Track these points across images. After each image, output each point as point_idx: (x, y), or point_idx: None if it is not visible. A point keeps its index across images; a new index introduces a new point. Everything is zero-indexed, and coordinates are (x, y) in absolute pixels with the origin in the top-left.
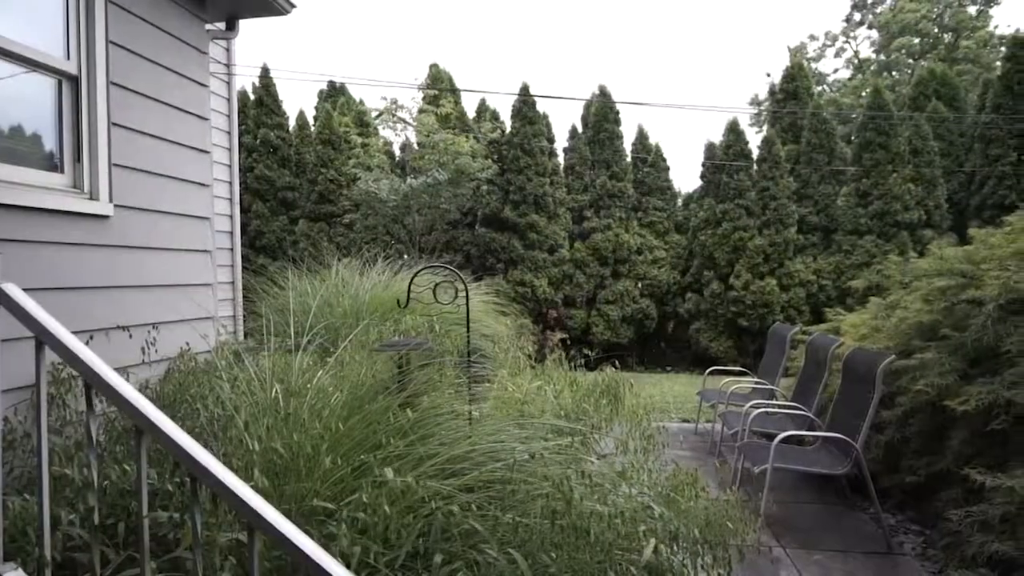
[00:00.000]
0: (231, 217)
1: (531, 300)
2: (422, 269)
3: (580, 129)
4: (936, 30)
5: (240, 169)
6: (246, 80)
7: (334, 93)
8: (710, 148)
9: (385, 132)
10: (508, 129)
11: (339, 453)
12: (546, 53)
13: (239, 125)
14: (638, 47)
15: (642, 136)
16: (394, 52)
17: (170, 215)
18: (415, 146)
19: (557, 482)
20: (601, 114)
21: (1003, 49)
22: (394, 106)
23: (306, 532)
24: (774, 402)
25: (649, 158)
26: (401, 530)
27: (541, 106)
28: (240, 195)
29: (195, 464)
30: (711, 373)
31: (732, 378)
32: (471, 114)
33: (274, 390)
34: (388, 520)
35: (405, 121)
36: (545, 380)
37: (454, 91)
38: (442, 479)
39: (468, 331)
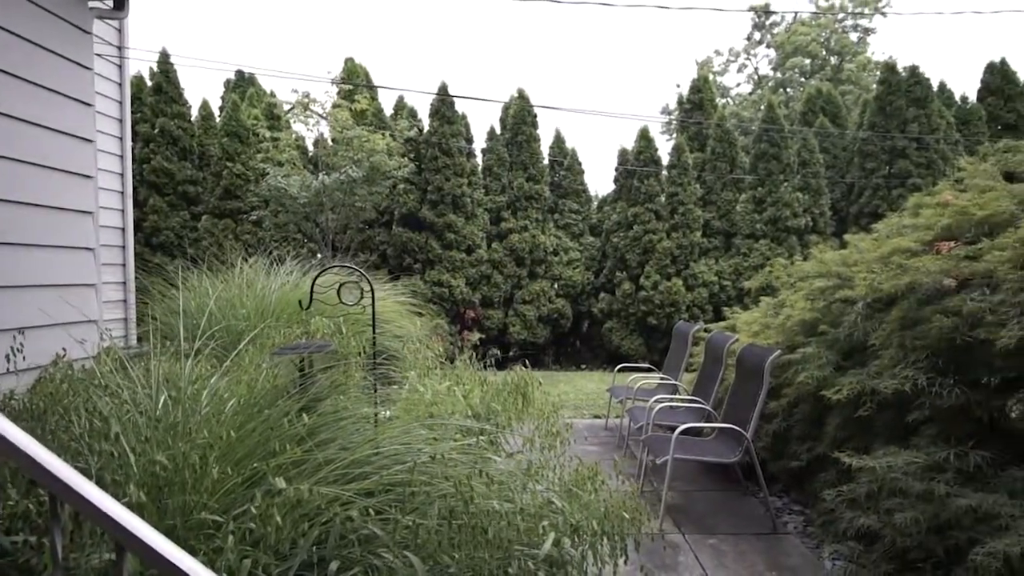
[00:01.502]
0: (122, 212)
1: (449, 300)
2: (326, 269)
3: (498, 131)
4: (824, 53)
5: (135, 160)
6: (143, 65)
7: (242, 83)
8: (623, 154)
9: (297, 126)
10: (426, 128)
11: (230, 462)
12: (465, 54)
13: (135, 113)
14: (556, 53)
15: (559, 140)
16: (307, 44)
17: (44, 208)
18: (329, 142)
19: (456, 482)
20: (519, 117)
21: (878, 73)
22: (307, 100)
23: (191, 548)
24: (676, 396)
25: (565, 161)
26: (297, 539)
27: (460, 106)
28: (135, 188)
29: (53, 480)
30: (620, 370)
31: (639, 374)
32: (388, 111)
33: (161, 398)
34: (281, 530)
35: (318, 114)
36: (455, 380)
37: (370, 87)
38: (343, 484)
39: (374, 332)
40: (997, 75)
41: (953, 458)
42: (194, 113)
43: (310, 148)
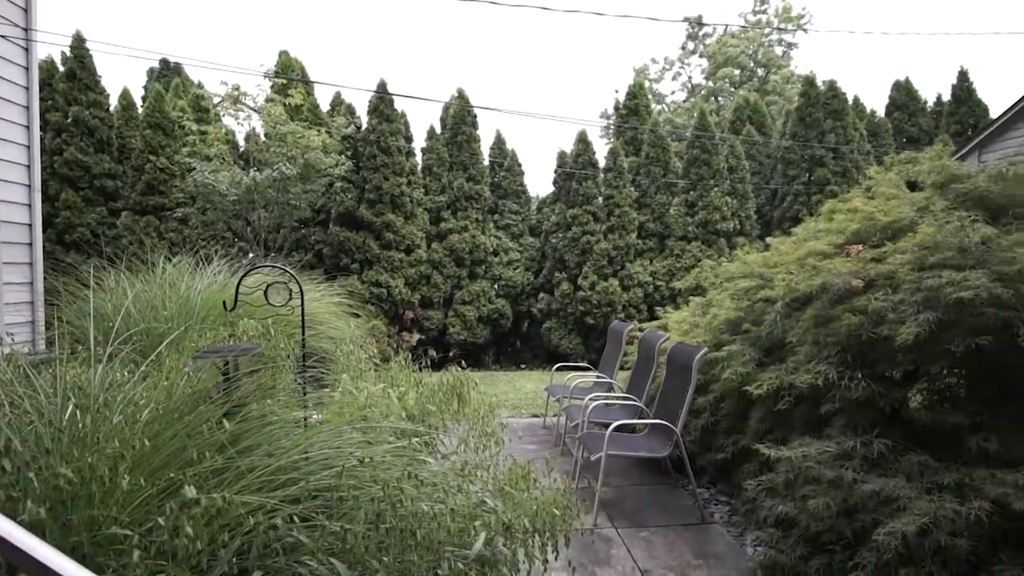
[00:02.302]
0: (29, 207)
1: (387, 301)
2: (253, 269)
3: (438, 130)
4: (752, 64)
5: (45, 152)
6: (55, 49)
7: (167, 73)
8: (562, 156)
9: (227, 120)
10: (364, 125)
11: (144, 473)
12: (405, 52)
13: (45, 100)
14: (497, 55)
15: (499, 141)
16: (239, 35)
17: None
18: (261, 137)
19: (383, 486)
20: (459, 116)
21: (799, 86)
22: (237, 93)
23: (98, 565)
24: (611, 394)
25: (506, 163)
26: (217, 551)
27: (399, 104)
28: (45, 182)
29: None
30: (558, 369)
31: (576, 373)
32: (325, 107)
33: (68, 407)
34: (195, 542)
35: (250, 108)
36: (390, 382)
37: (306, 82)
38: (268, 491)
39: (303, 334)
40: (902, 92)
41: (859, 446)
42: (113, 103)
43: (241, 143)
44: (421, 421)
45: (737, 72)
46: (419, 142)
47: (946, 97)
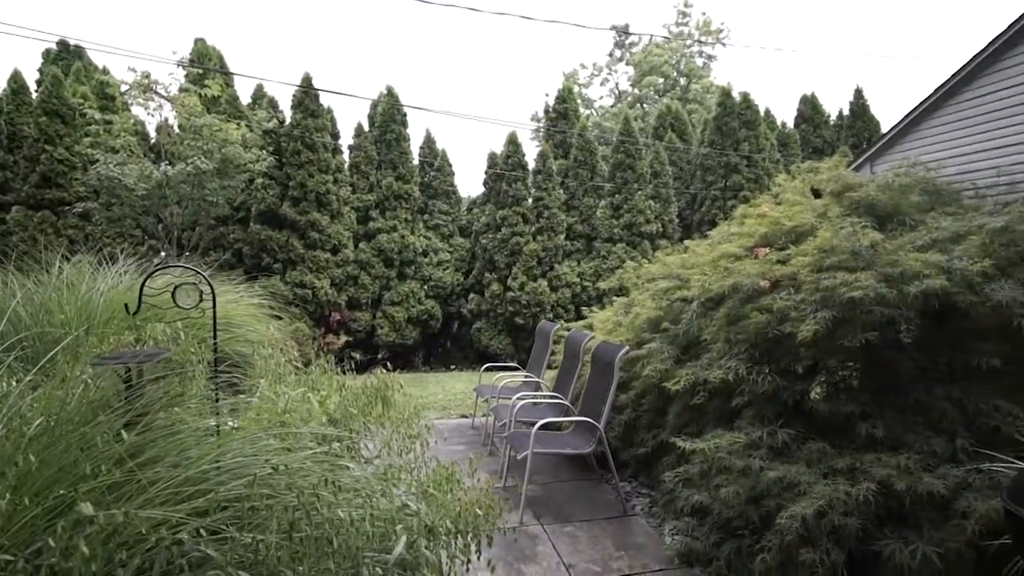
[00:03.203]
0: None
1: (312, 303)
2: (158, 268)
3: (367, 128)
4: (675, 74)
5: None
6: None
7: (67, 56)
8: (492, 158)
9: (136, 110)
10: (288, 120)
11: (28, 491)
12: (332, 47)
13: None
14: (428, 55)
15: (430, 140)
16: (149, 18)
17: None
18: (175, 129)
19: (298, 493)
20: (388, 115)
21: (717, 97)
22: (147, 80)
23: None
24: (538, 393)
25: (436, 162)
26: (114, 571)
27: (325, 100)
28: None
29: None
30: (487, 369)
31: (505, 373)
32: (245, 100)
33: None
34: (91, 562)
35: (162, 96)
36: (310, 386)
37: (225, 72)
38: (174, 505)
39: (215, 338)
40: (809, 106)
41: (766, 436)
42: (1, 85)
43: (152, 135)
44: (344, 426)
45: (661, 81)
46: (346, 139)
47: (846, 112)
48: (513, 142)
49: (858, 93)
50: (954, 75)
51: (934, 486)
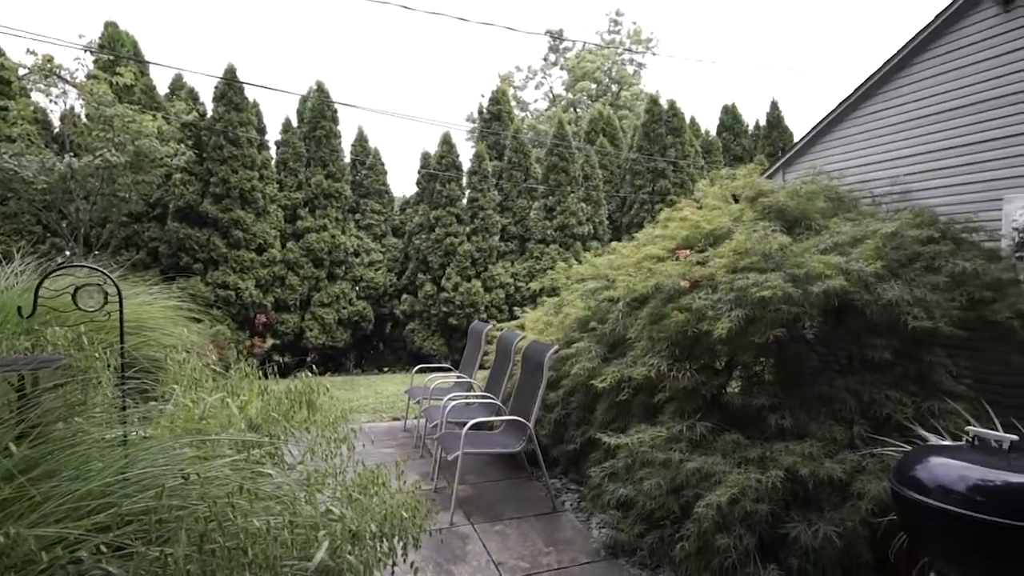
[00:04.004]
0: None
1: (236, 304)
2: (58, 268)
3: (295, 123)
4: (607, 80)
5: None
6: None
7: None
8: (425, 157)
9: (36, 96)
10: (210, 113)
11: None
12: (258, 40)
13: None
14: (361, 53)
15: (362, 138)
16: None
17: None
18: (82, 118)
19: (210, 503)
20: (318, 110)
21: (646, 104)
22: (50, 65)
23: None
24: (470, 394)
25: (368, 161)
26: None
27: (251, 93)
28: None
29: None
30: (419, 371)
31: (437, 374)
32: (162, 90)
33: None
34: None
35: (68, 82)
36: (230, 391)
37: (140, 60)
38: (73, 521)
39: (123, 342)
40: (730, 115)
41: (686, 430)
42: None
43: (56, 124)
44: (266, 432)
45: (594, 86)
46: (273, 135)
47: (763, 122)
48: (447, 142)
49: (774, 105)
50: (854, 92)
51: (834, 471)
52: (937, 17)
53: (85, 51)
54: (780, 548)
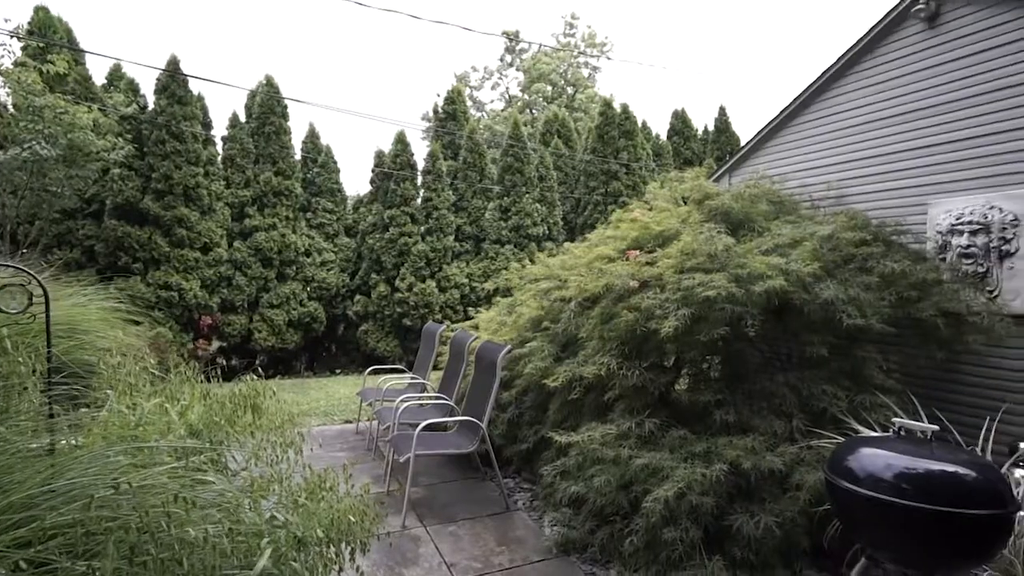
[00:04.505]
0: None
1: (179, 306)
2: None
3: (243, 119)
4: (562, 82)
5: None
6: None
7: None
8: (379, 156)
9: None
10: (151, 106)
11: None
12: (205, 31)
13: None
14: (314, 48)
15: (313, 135)
16: None
17: None
18: (9, 108)
19: (143, 513)
20: (267, 106)
21: (600, 107)
22: None
23: None
24: (424, 395)
25: (320, 158)
26: None
27: (196, 87)
28: None
29: None
30: (371, 372)
31: (390, 376)
32: (99, 81)
33: None
34: None
35: None
36: (169, 396)
37: (74, 49)
38: None
39: (50, 346)
40: (680, 120)
41: (635, 427)
42: None
43: None
44: (208, 437)
45: (549, 88)
46: (220, 130)
47: (711, 127)
48: (401, 141)
49: (722, 111)
50: (794, 100)
51: (774, 463)
52: (869, 31)
53: (12, 37)
54: (725, 539)
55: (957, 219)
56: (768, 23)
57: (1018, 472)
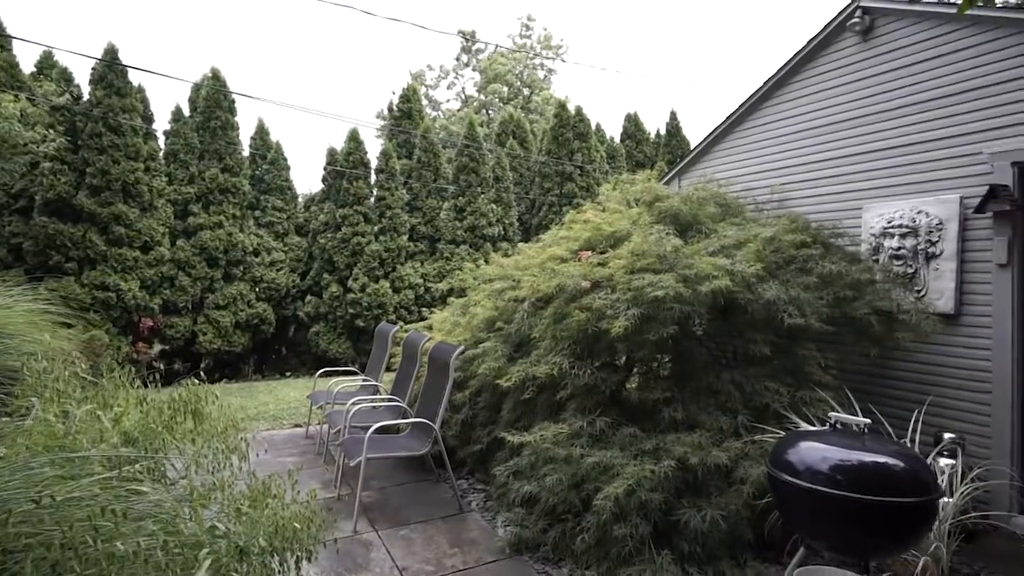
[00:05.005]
0: None
1: (117, 307)
2: None
3: (187, 112)
4: (518, 83)
5: None
6: None
7: None
8: (332, 153)
9: None
10: (86, 97)
11: None
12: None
13: None
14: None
15: (262, 131)
16: None
17: None
18: None
19: (67, 527)
20: (213, 100)
21: (554, 108)
22: None
23: None
24: (376, 397)
25: (269, 155)
26: None
27: (136, 78)
28: None
29: None
30: (322, 375)
31: (342, 378)
32: (28, 68)
33: None
34: None
35: None
36: (102, 403)
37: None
38: None
39: None
40: (632, 123)
41: (586, 425)
42: None
43: None
44: (145, 446)
45: (505, 89)
46: (162, 124)
47: (663, 131)
48: (355, 139)
49: (673, 115)
50: (740, 107)
51: (720, 458)
52: (810, 42)
53: None
54: (673, 534)
55: (888, 223)
56: (719, 29)
57: (943, 461)
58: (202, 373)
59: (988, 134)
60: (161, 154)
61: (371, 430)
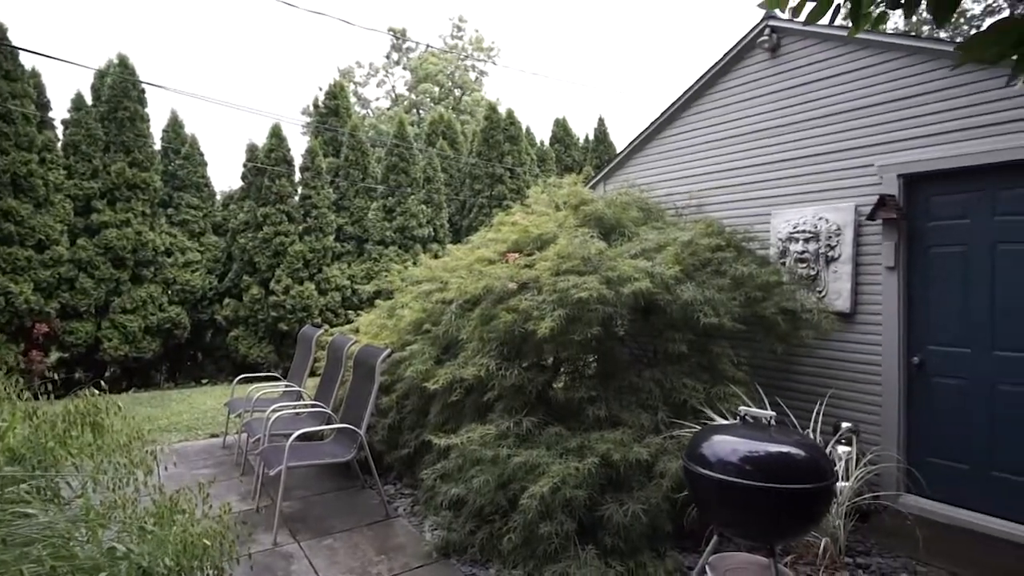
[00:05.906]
0: None
1: (7, 311)
2: None
3: (90, 101)
4: (449, 84)
5: None
6: None
7: None
8: (252, 150)
9: None
10: None
11: None
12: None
13: None
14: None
15: (176, 124)
16: None
17: None
18: None
19: None
20: (121, 89)
21: (485, 110)
22: None
23: None
24: (298, 403)
25: (183, 149)
26: None
27: (28, 62)
28: None
29: None
30: (241, 381)
31: (262, 384)
32: None
33: None
34: None
35: None
36: None
37: None
38: None
39: None
40: (561, 128)
41: (513, 426)
42: None
43: None
44: (34, 463)
45: (436, 89)
46: (60, 112)
47: (591, 136)
48: (277, 135)
49: (601, 121)
50: (661, 115)
51: (641, 454)
52: (725, 56)
53: None
54: (597, 529)
55: (794, 228)
56: (646, 38)
57: (840, 448)
58: (103, 383)
59: (878, 148)
60: (59, 145)
61: (292, 437)
